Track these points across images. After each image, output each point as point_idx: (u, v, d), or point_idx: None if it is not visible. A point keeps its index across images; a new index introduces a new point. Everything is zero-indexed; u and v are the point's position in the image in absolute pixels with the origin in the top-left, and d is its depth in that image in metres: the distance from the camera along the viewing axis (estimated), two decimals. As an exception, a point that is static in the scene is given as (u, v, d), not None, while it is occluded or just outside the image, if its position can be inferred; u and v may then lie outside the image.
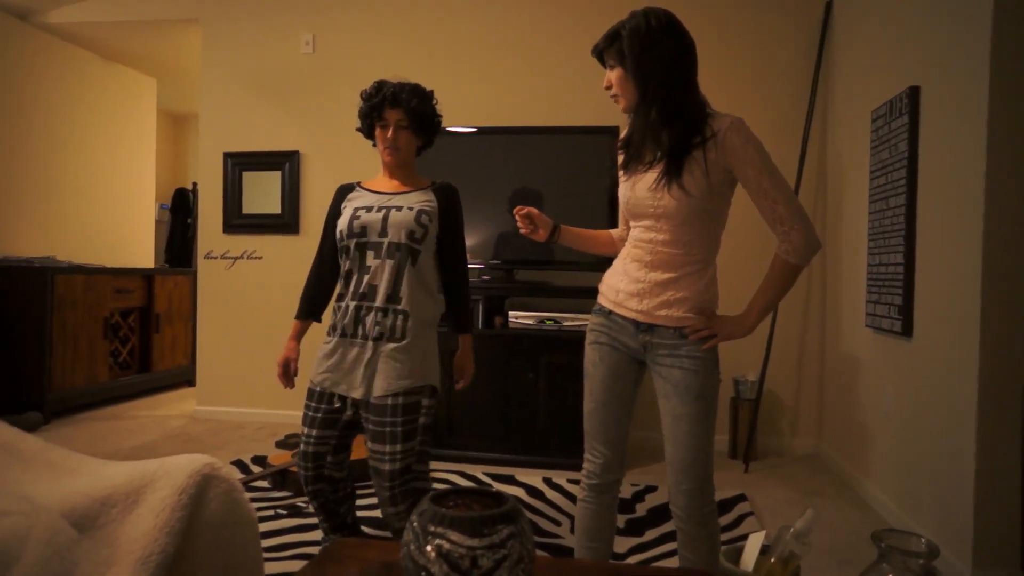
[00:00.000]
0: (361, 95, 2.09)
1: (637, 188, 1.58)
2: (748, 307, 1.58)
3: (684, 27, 1.51)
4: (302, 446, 2.04)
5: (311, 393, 2.05)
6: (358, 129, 2.14)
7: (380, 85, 2.06)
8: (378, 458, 1.95)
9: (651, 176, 1.55)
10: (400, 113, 2.02)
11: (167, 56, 5.11)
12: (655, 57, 1.46)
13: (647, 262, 1.59)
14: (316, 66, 4.17)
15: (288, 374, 2.15)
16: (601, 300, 1.69)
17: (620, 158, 1.66)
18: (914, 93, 2.59)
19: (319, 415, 2.02)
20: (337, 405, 2.02)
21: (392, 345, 1.96)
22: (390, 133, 2.04)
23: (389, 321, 1.97)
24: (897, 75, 2.79)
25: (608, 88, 1.56)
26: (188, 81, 5.63)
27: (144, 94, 5.62)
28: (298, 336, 2.19)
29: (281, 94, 4.22)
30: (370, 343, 1.97)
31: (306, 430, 2.03)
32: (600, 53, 1.56)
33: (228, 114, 4.28)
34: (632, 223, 1.65)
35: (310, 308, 2.19)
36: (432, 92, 2.12)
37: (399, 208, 2.01)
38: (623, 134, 1.66)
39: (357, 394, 1.98)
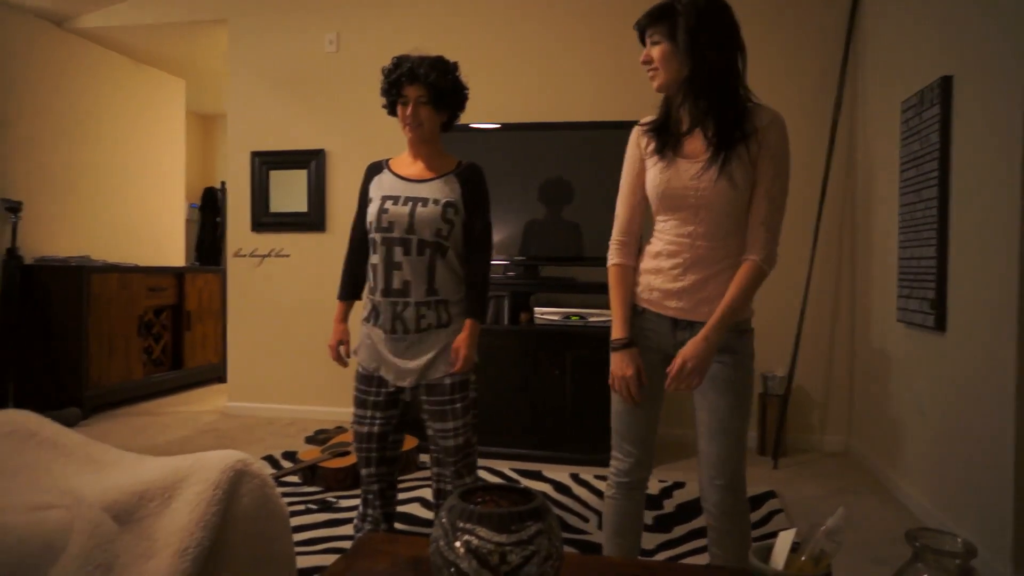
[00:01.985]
0: (382, 71, 2.03)
1: (678, 176, 1.52)
2: (713, 322, 1.48)
3: (733, 13, 1.50)
4: (364, 428, 2.06)
5: (368, 379, 2.05)
6: (383, 106, 2.07)
7: (399, 61, 1.99)
8: (443, 435, 2.01)
9: (694, 166, 1.51)
10: (420, 88, 1.96)
11: (195, 57, 5.20)
12: (709, 36, 1.45)
13: (684, 260, 1.54)
14: (340, 64, 4.21)
15: (340, 356, 2.15)
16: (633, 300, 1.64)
17: (648, 143, 1.59)
18: (946, 83, 2.53)
19: (381, 398, 2.05)
20: (392, 389, 2.05)
21: (442, 331, 2.01)
22: (409, 110, 1.98)
23: (433, 313, 1.99)
24: (928, 65, 2.73)
25: (647, 63, 1.51)
26: (216, 82, 5.72)
27: (173, 95, 5.72)
28: (344, 317, 2.17)
29: (306, 93, 4.27)
30: (416, 335, 1.99)
31: (370, 413, 2.05)
32: (643, 28, 1.52)
33: (255, 114, 4.34)
34: (661, 215, 1.59)
35: (353, 288, 2.18)
36: (456, 64, 2.05)
37: (425, 202, 1.98)
38: (651, 117, 1.61)
39: (408, 382, 2.00)
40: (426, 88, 1.96)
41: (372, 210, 2.02)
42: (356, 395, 2.08)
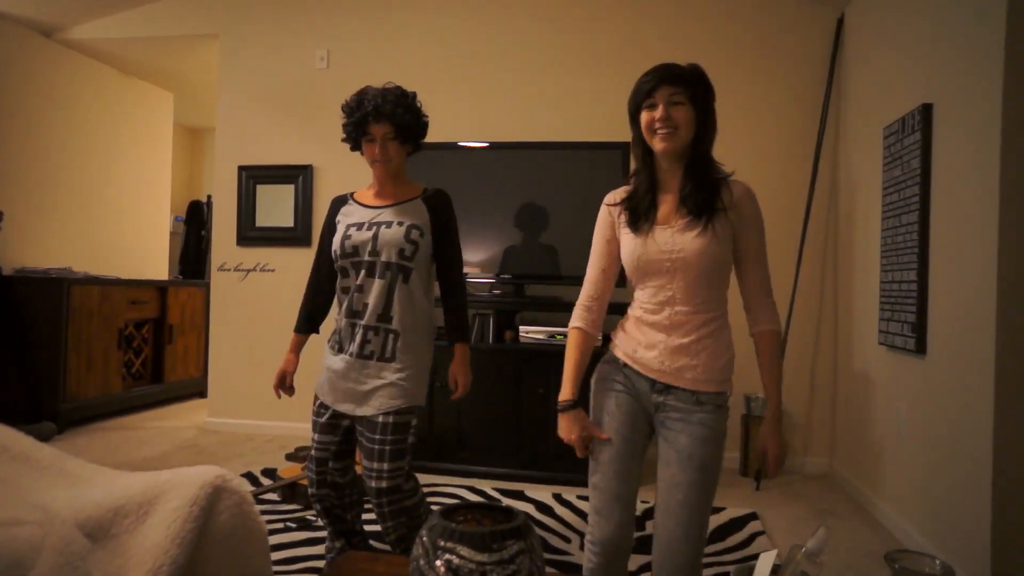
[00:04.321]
0: (343, 109, 2.01)
1: (654, 243, 1.50)
2: (771, 401, 1.51)
3: None
4: (311, 451, 2.08)
5: (315, 399, 2.08)
6: (344, 140, 2.04)
7: (361, 98, 1.98)
8: (369, 475, 1.96)
9: (669, 230, 1.50)
10: (387, 126, 1.95)
11: (184, 71, 5.19)
12: (712, 109, 1.52)
13: (665, 327, 1.51)
14: (330, 81, 4.22)
15: (284, 385, 2.15)
16: (616, 352, 1.60)
17: (622, 216, 1.58)
18: (926, 110, 2.59)
19: (321, 420, 2.04)
20: (330, 411, 2.03)
21: (383, 365, 1.96)
22: (377, 149, 1.98)
23: (380, 340, 1.96)
24: (909, 92, 2.79)
25: (666, 120, 1.46)
26: (204, 95, 5.71)
27: (161, 108, 5.71)
28: (297, 349, 2.18)
29: (296, 109, 4.27)
30: (360, 361, 1.96)
31: (313, 435, 2.07)
32: (660, 85, 1.47)
33: (243, 128, 4.33)
34: (638, 284, 1.56)
35: (308, 322, 2.20)
36: (414, 93, 2.05)
37: (388, 225, 1.97)
38: (619, 194, 1.59)
39: (345, 408, 1.99)
40: (393, 126, 1.96)
41: (336, 239, 2.03)
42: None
